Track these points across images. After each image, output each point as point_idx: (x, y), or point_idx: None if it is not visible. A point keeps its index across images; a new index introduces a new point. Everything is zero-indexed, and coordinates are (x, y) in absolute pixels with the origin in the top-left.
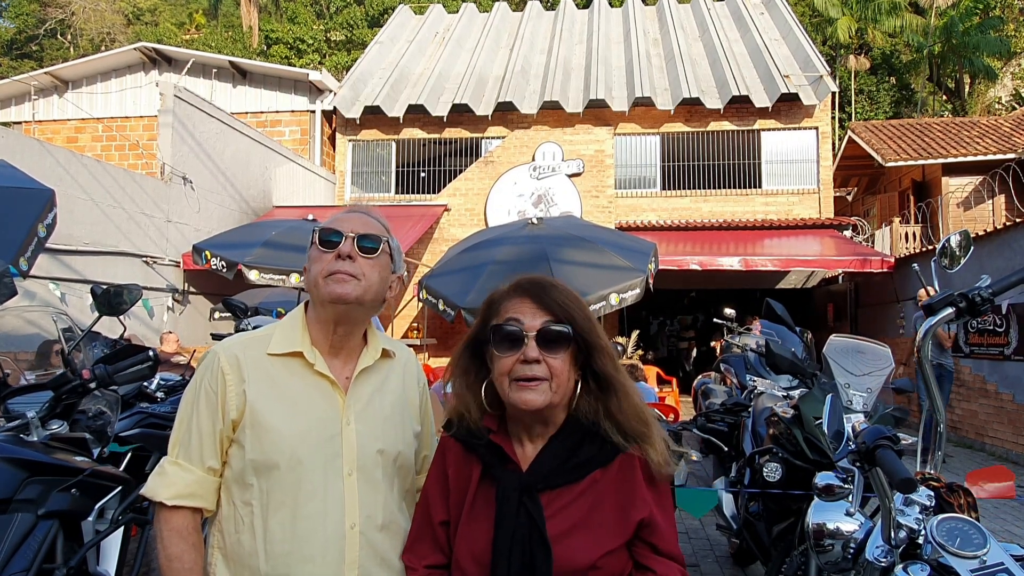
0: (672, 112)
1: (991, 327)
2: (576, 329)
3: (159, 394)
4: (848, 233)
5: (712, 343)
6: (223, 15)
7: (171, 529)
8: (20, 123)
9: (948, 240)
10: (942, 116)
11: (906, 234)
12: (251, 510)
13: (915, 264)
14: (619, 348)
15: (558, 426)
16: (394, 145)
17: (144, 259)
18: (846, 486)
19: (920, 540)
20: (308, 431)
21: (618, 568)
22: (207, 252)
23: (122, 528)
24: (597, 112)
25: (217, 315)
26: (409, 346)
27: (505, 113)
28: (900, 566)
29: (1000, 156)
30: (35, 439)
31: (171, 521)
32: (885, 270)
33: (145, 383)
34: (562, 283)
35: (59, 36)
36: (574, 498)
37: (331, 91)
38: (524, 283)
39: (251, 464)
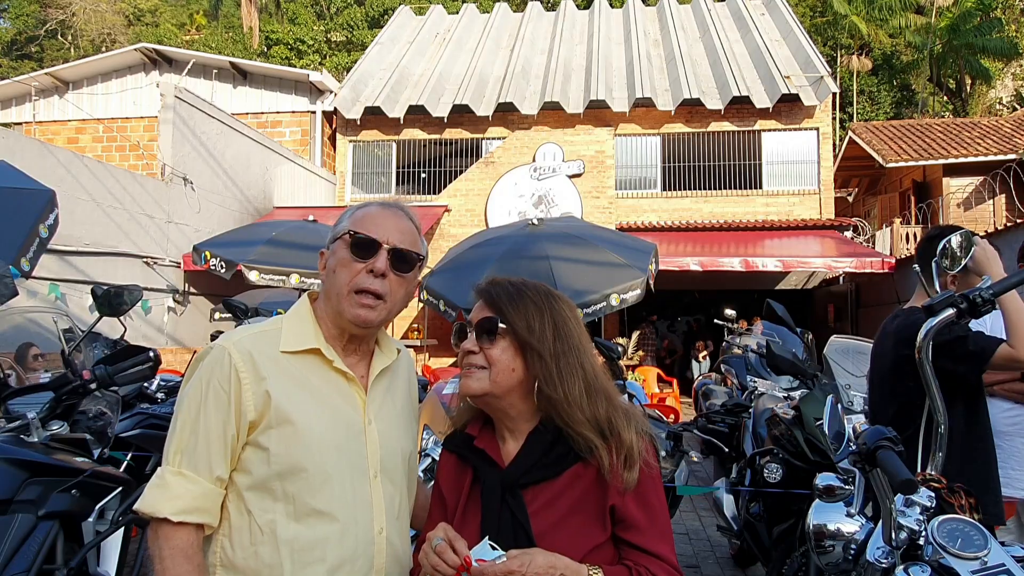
0: (673, 113)
1: None
2: (507, 321)
3: (159, 395)
4: (849, 234)
5: (698, 343)
6: (224, 16)
7: (173, 548)
8: (21, 124)
9: (949, 241)
10: (943, 117)
11: (907, 235)
12: (273, 518)
13: (916, 265)
14: (619, 349)
15: (533, 422)
16: (394, 146)
17: (145, 260)
18: (847, 487)
19: (921, 541)
20: (334, 430)
21: (607, 563)
22: (206, 252)
23: (122, 529)
24: (598, 113)
25: (218, 316)
26: (409, 347)
27: (505, 114)
28: (901, 567)
29: (1001, 157)
30: (35, 440)
31: (173, 539)
32: (886, 271)
33: (145, 384)
34: (521, 282)
35: (60, 37)
36: (557, 493)
37: (331, 92)
38: (480, 286)
39: (276, 467)
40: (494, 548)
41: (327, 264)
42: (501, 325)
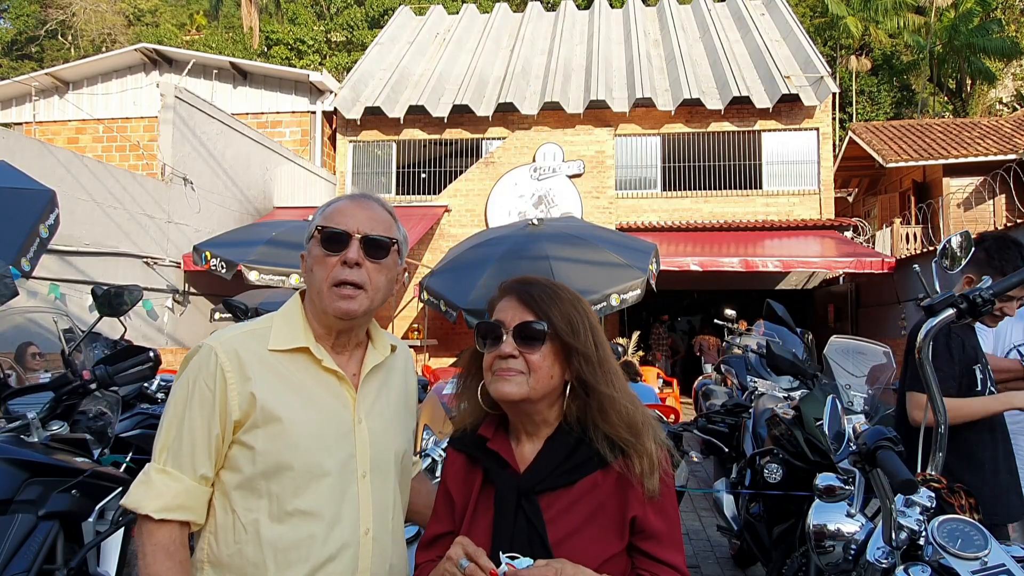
0: (673, 113)
1: None
2: (553, 326)
3: (159, 395)
4: (849, 234)
5: (694, 340)
6: (224, 16)
7: (155, 544)
8: (21, 124)
9: (949, 241)
10: (943, 117)
11: (907, 235)
12: (257, 517)
13: (916, 265)
14: (619, 349)
15: (553, 426)
16: (395, 146)
17: (145, 260)
18: (847, 487)
19: (921, 541)
20: (323, 429)
21: (622, 572)
22: (207, 252)
23: (122, 529)
24: (598, 113)
25: (218, 316)
26: (410, 347)
27: (506, 114)
28: (901, 567)
29: (1001, 157)
30: (36, 440)
31: (155, 535)
32: (886, 271)
33: (146, 384)
34: (552, 282)
35: (60, 37)
36: (574, 501)
37: (332, 92)
38: (510, 283)
39: (261, 466)
40: (514, 557)
41: (306, 264)
42: (547, 330)
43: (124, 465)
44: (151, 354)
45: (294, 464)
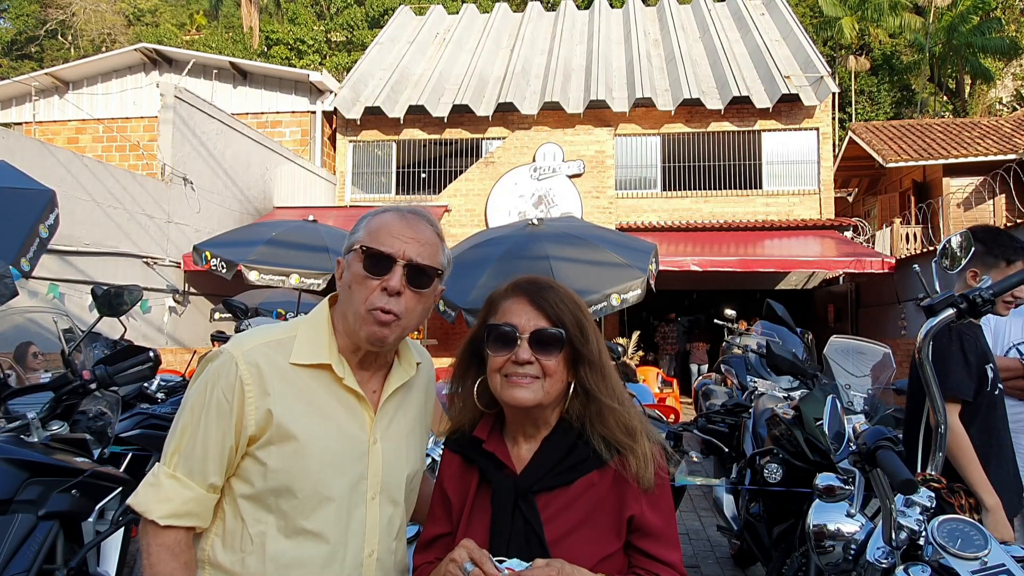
0: (672, 113)
1: None
2: (568, 334)
3: (159, 395)
4: (849, 234)
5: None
6: (224, 16)
7: (161, 545)
8: (21, 124)
9: (949, 241)
10: (943, 117)
11: (907, 235)
12: (264, 530)
13: (916, 265)
14: (619, 349)
15: (551, 427)
16: (394, 146)
17: (145, 260)
18: (847, 487)
19: (921, 541)
20: (337, 450)
21: (618, 571)
22: (207, 252)
23: (122, 529)
24: (598, 113)
25: (217, 316)
26: None
27: (506, 114)
28: (901, 567)
29: (1001, 157)
30: (35, 440)
31: (161, 537)
32: (886, 271)
33: (145, 384)
34: (561, 285)
35: (60, 37)
36: (571, 500)
37: (332, 92)
38: (522, 283)
39: (272, 483)
40: (501, 561)
41: (343, 278)
42: (564, 338)
43: (124, 463)
44: (151, 354)
45: (303, 486)
